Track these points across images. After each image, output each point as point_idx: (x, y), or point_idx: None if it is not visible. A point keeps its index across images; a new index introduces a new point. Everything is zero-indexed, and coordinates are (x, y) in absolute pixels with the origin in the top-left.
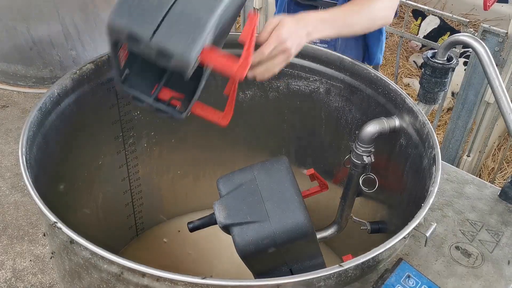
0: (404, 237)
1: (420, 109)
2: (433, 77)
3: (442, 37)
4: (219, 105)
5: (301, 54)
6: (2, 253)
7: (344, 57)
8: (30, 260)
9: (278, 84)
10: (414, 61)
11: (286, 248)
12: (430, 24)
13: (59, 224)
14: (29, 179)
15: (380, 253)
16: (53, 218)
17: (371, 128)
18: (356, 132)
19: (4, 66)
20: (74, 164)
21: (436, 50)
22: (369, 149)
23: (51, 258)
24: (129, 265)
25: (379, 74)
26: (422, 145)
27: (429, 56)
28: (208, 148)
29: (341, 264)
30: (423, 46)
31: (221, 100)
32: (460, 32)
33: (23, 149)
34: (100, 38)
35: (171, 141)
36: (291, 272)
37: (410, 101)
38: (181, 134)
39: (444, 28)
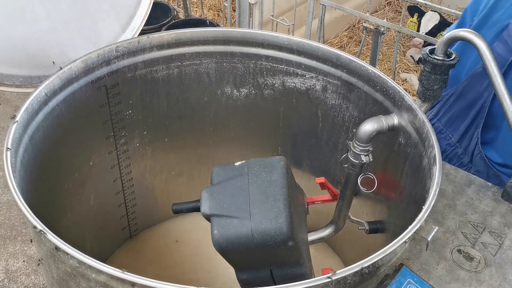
0: (404, 241)
1: (420, 107)
2: (433, 74)
3: (441, 33)
4: None
5: (297, 51)
6: None
7: (341, 53)
8: (23, 261)
9: (274, 82)
10: (411, 56)
11: (264, 251)
12: (430, 20)
13: (45, 231)
14: (14, 184)
15: (380, 258)
16: (38, 225)
17: (369, 127)
18: (354, 130)
19: None
20: (63, 165)
21: (435, 46)
22: (367, 148)
23: (38, 265)
24: (118, 275)
25: (377, 71)
26: (421, 144)
27: (428, 52)
28: (202, 147)
29: (329, 275)
30: (425, 43)
31: None
32: None
33: (9, 152)
34: (89, 36)
35: (164, 141)
36: (271, 274)
37: (409, 98)
38: (175, 133)
39: (444, 24)
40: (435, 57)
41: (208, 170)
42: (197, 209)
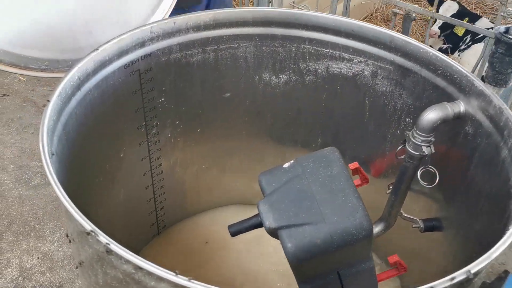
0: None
1: (494, 93)
2: (507, 55)
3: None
4: None
5: (345, 33)
6: (8, 251)
7: (396, 34)
8: (38, 258)
9: (317, 67)
10: (430, 46)
11: (343, 252)
12: (448, 10)
13: (97, 233)
14: (55, 178)
15: (485, 265)
16: (88, 225)
17: (433, 115)
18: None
19: (17, 49)
20: (95, 157)
21: (510, 25)
22: (429, 138)
23: (76, 268)
24: (183, 283)
25: (439, 53)
26: (498, 134)
27: (502, 32)
28: (235, 138)
29: (431, 285)
30: (441, 33)
31: None
32: (480, 16)
33: (44, 141)
34: (118, 17)
35: (196, 131)
36: (339, 277)
37: (479, 83)
38: (207, 123)
39: (463, 13)
40: (511, 37)
41: (239, 163)
42: (259, 226)
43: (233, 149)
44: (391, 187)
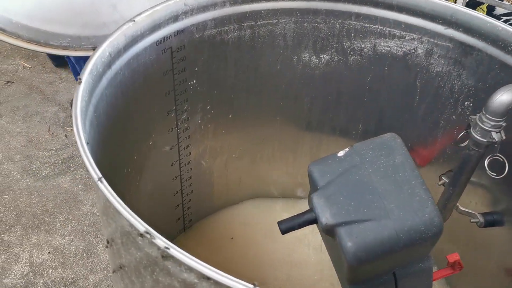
0: None
1: None
2: None
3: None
4: None
5: (398, 7)
6: (17, 245)
7: (458, 7)
8: (49, 252)
9: (363, 46)
10: None
11: (407, 251)
12: None
13: (153, 235)
14: (97, 171)
15: None
16: (142, 227)
17: (507, 96)
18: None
19: (37, 24)
20: (124, 145)
21: None
22: (500, 123)
23: (114, 272)
24: None
25: (510, 27)
26: None
27: None
28: (268, 125)
29: None
30: None
31: None
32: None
33: (79, 126)
34: None
35: (228, 117)
36: (395, 278)
37: None
38: (240, 108)
39: None
40: None
41: (272, 152)
42: (313, 222)
43: (266, 137)
44: (443, 178)
